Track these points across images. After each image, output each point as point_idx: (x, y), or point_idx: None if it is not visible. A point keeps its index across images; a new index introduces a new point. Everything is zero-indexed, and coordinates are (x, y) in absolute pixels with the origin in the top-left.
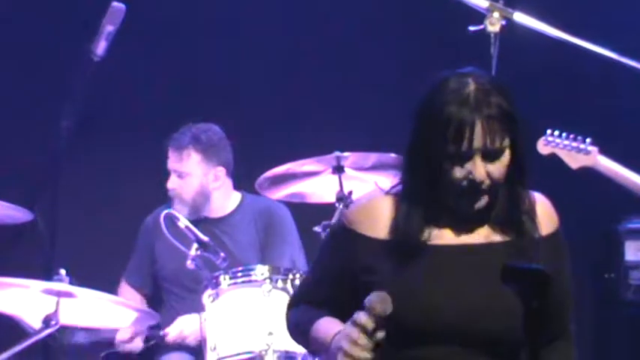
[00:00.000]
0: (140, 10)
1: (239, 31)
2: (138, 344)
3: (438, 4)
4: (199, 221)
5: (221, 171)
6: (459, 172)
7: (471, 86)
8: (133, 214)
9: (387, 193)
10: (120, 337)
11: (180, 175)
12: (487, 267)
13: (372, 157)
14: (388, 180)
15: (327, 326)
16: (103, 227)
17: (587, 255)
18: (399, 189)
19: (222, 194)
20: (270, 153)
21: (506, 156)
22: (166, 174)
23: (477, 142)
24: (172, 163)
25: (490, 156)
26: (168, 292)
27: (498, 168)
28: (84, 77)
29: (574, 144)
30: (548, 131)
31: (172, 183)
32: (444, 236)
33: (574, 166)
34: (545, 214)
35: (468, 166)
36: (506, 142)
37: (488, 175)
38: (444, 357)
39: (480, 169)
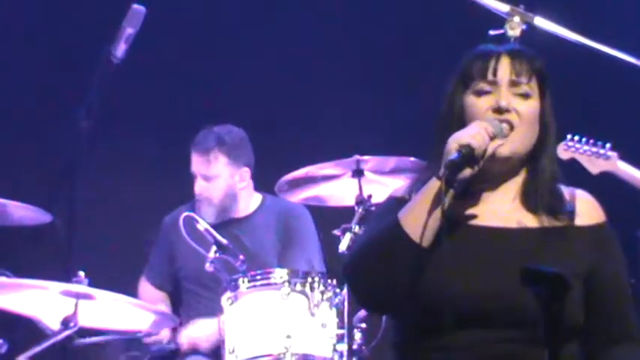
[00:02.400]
0: (160, 11)
1: (260, 32)
2: (165, 335)
3: (460, 8)
4: (220, 222)
5: (246, 171)
6: (484, 102)
7: (498, 46)
8: (152, 215)
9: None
10: (147, 339)
11: (207, 179)
12: (516, 252)
13: (392, 161)
14: None
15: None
16: (121, 229)
17: None
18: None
19: (245, 195)
20: (290, 156)
21: (533, 103)
22: (186, 175)
23: (503, 72)
24: (198, 166)
25: (517, 89)
26: (188, 292)
27: (525, 106)
28: (103, 79)
29: (594, 149)
30: (569, 136)
31: (199, 187)
32: (472, 216)
33: (594, 171)
34: (586, 207)
35: (495, 95)
36: (534, 83)
37: (515, 109)
38: (472, 342)
39: (505, 96)
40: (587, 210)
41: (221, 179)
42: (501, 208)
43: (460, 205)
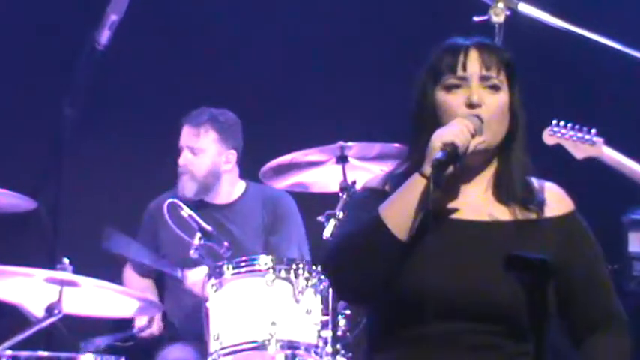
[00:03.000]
0: None
1: (244, 21)
2: (159, 326)
3: None
4: (204, 207)
5: (233, 154)
6: (455, 98)
7: (467, 39)
8: (137, 202)
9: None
10: (138, 324)
11: (193, 152)
12: (491, 245)
13: (376, 148)
14: None
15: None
16: (106, 216)
17: None
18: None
19: (229, 180)
20: (274, 143)
21: (503, 96)
22: (170, 161)
23: (472, 66)
24: (187, 139)
25: (486, 83)
26: (172, 279)
27: (495, 100)
28: (87, 66)
29: (579, 134)
30: (554, 122)
31: (184, 159)
32: (447, 209)
33: (579, 156)
34: (554, 198)
35: (465, 91)
36: (502, 75)
37: (485, 104)
38: (450, 333)
39: (476, 91)
40: (556, 201)
41: (207, 154)
42: (474, 201)
43: (435, 198)
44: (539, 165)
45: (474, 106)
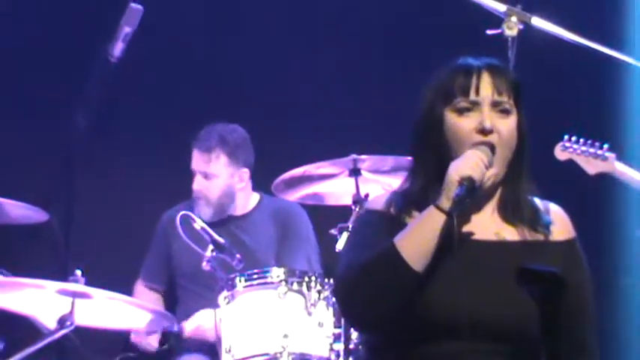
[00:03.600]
0: (158, 10)
1: (257, 33)
2: (153, 343)
3: (457, 8)
4: (218, 220)
5: (245, 172)
6: (467, 123)
7: (477, 60)
8: (149, 214)
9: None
10: (134, 337)
11: (206, 177)
12: (499, 265)
13: (389, 161)
14: None
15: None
16: (118, 227)
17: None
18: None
19: (244, 194)
20: (287, 155)
21: (512, 120)
22: (183, 174)
23: (485, 90)
24: (199, 164)
25: (498, 108)
26: (185, 290)
27: (507, 125)
28: (101, 78)
29: (591, 150)
30: (565, 137)
31: (198, 184)
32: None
33: (591, 172)
34: (559, 221)
35: (477, 116)
36: (512, 100)
37: (497, 129)
38: (459, 353)
39: (488, 117)
40: (561, 224)
41: (220, 179)
42: (482, 222)
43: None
44: (553, 181)
45: (487, 133)
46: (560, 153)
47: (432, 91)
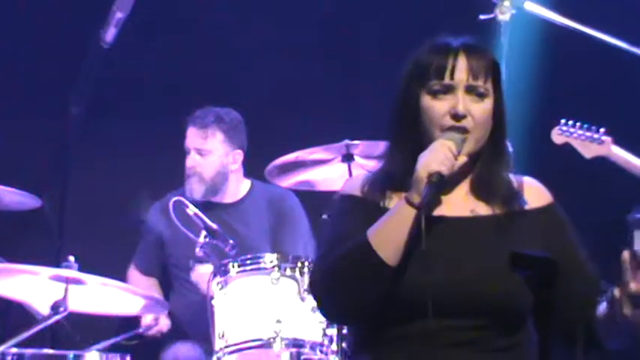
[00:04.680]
0: None
1: (250, 20)
2: (166, 324)
3: None
4: (210, 206)
5: (239, 154)
6: (441, 106)
7: (456, 40)
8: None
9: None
10: (145, 322)
11: (201, 153)
12: (474, 240)
13: (381, 146)
14: None
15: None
16: (111, 214)
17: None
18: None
19: (235, 179)
20: (280, 141)
21: (488, 103)
22: (176, 160)
23: (460, 73)
24: (194, 140)
25: (473, 92)
26: (178, 278)
27: (481, 109)
28: (93, 64)
29: (588, 133)
30: (562, 121)
31: (192, 161)
32: (433, 208)
33: (588, 155)
34: (533, 190)
35: (451, 99)
36: (489, 85)
37: (470, 114)
38: (438, 330)
39: (462, 102)
40: (535, 194)
41: (215, 155)
42: (455, 199)
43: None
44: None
45: (460, 118)
46: (557, 137)
47: (409, 72)
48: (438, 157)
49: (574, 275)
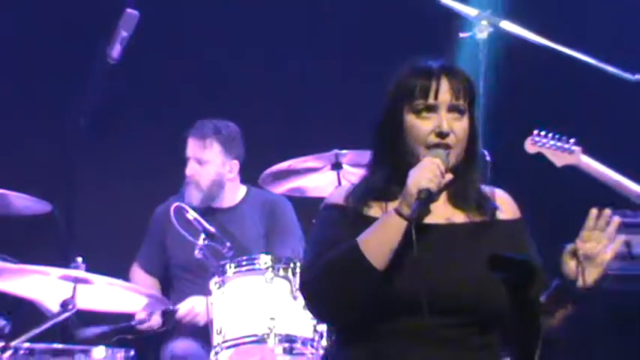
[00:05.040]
0: (154, 16)
1: (241, 35)
2: (157, 321)
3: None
4: (208, 211)
5: (235, 164)
6: (425, 125)
7: (436, 63)
8: (145, 205)
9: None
10: (139, 316)
11: (200, 162)
12: (450, 245)
13: (368, 155)
14: None
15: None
16: (116, 218)
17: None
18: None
19: (232, 186)
20: (274, 150)
21: (465, 120)
22: (176, 167)
23: (443, 94)
24: (193, 150)
25: (454, 111)
26: (179, 278)
27: (461, 126)
28: (100, 78)
29: (559, 144)
30: (535, 131)
31: (191, 170)
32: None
33: (558, 164)
34: (504, 203)
35: (434, 118)
36: (466, 102)
37: (453, 131)
38: (420, 328)
39: (446, 120)
40: (506, 206)
41: (212, 165)
42: (435, 208)
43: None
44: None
45: (444, 136)
46: (530, 146)
47: (393, 90)
48: (428, 174)
49: None
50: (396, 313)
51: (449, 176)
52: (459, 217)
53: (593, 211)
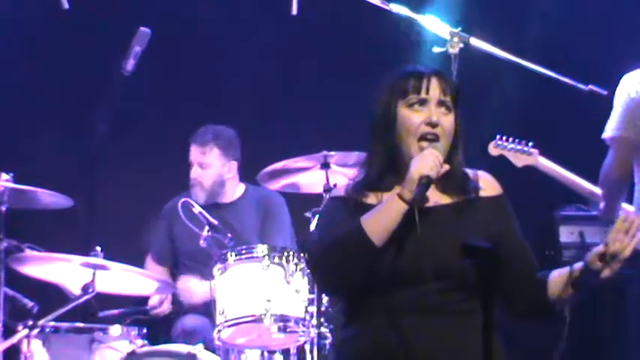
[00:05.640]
0: (163, 34)
1: (236, 45)
2: (167, 307)
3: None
4: (212, 206)
5: (234, 165)
6: (417, 117)
7: (425, 67)
8: (157, 201)
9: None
10: (151, 303)
11: (202, 166)
12: (437, 225)
13: (354, 156)
14: None
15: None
16: (131, 212)
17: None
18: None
19: (231, 184)
20: (270, 151)
21: (452, 116)
22: (183, 169)
23: (433, 91)
24: (196, 156)
25: (443, 106)
26: (185, 265)
27: (449, 120)
28: (116, 89)
29: (519, 147)
30: (497, 136)
31: (195, 173)
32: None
33: (519, 164)
34: (487, 182)
35: (425, 111)
36: (452, 102)
37: (441, 124)
38: (412, 298)
39: (435, 113)
40: (488, 184)
41: (213, 168)
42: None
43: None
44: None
45: (434, 126)
46: (493, 149)
47: (388, 89)
48: (429, 163)
49: (515, 256)
50: (398, 282)
51: (446, 167)
52: (445, 199)
53: (622, 217)
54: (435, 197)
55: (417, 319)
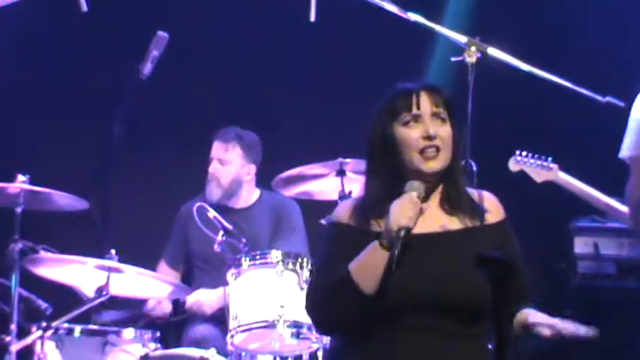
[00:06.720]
0: (181, 38)
1: (254, 50)
2: (166, 308)
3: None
4: (226, 211)
5: (253, 168)
6: (413, 133)
7: (413, 83)
8: (171, 204)
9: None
10: (149, 304)
11: (222, 162)
12: (445, 251)
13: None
14: None
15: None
16: (146, 215)
17: (543, 247)
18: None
19: (248, 188)
20: (285, 158)
21: (448, 127)
22: (198, 172)
23: (424, 105)
24: (217, 151)
25: (437, 117)
26: (199, 270)
27: (445, 131)
28: (133, 92)
29: (539, 162)
30: (517, 152)
31: (214, 168)
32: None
33: (539, 180)
34: (492, 206)
35: (421, 126)
36: (446, 113)
37: (438, 135)
38: (422, 323)
39: (431, 126)
40: (493, 208)
41: (233, 165)
42: (429, 214)
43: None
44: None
45: (431, 139)
46: (514, 165)
47: (381, 111)
48: (408, 212)
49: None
50: (394, 315)
51: (425, 206)
52: (453, 223)
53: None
54: (444, 221)
55: (419, 339)
